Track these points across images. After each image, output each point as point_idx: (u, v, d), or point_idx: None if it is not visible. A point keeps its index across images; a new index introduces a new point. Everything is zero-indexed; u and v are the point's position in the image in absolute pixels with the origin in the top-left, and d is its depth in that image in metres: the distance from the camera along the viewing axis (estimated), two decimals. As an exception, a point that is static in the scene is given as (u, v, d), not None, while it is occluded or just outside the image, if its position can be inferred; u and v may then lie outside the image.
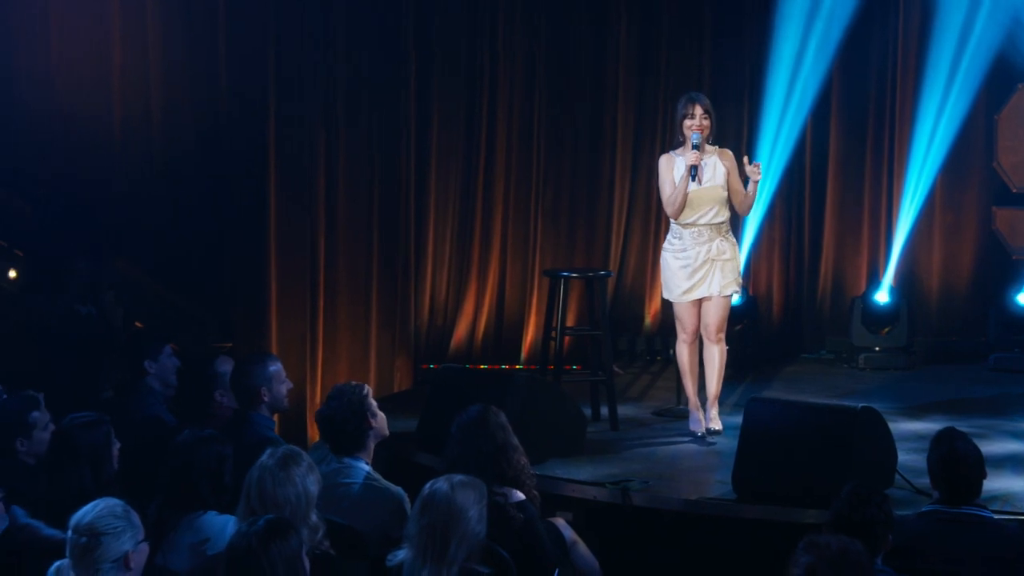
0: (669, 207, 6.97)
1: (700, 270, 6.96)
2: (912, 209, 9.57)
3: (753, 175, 6.85)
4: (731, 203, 7.04)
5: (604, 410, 7.50)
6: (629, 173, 9.70)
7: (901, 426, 7.12)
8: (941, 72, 9.38)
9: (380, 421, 5.40)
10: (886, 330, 9.38)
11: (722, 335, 7.12)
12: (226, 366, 6.18)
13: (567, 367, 8.29)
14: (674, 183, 6.92)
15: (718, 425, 7.10)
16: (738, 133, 9.74)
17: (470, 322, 9.37)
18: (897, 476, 6.00)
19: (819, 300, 10.03)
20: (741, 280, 7.20)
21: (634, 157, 9.69)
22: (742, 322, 9.52)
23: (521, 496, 5.02)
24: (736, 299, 9.23)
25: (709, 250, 6.94)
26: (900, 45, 9.72)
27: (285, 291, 8.12)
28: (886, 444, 6.05)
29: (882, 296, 9.43)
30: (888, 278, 9.55)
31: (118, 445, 5.11)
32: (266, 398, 5.88)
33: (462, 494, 4.25)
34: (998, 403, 8.08)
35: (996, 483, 5.99)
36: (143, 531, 4.06)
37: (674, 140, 7.02)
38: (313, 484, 4.43)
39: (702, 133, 6.85)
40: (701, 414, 7.15)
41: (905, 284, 9.74)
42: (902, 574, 4.35)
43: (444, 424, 5.23)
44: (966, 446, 4.85)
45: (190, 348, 7.65)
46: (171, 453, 4.85)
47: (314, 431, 7.96)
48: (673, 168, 6.96)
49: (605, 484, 6.18)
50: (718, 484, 6.16)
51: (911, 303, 9.60)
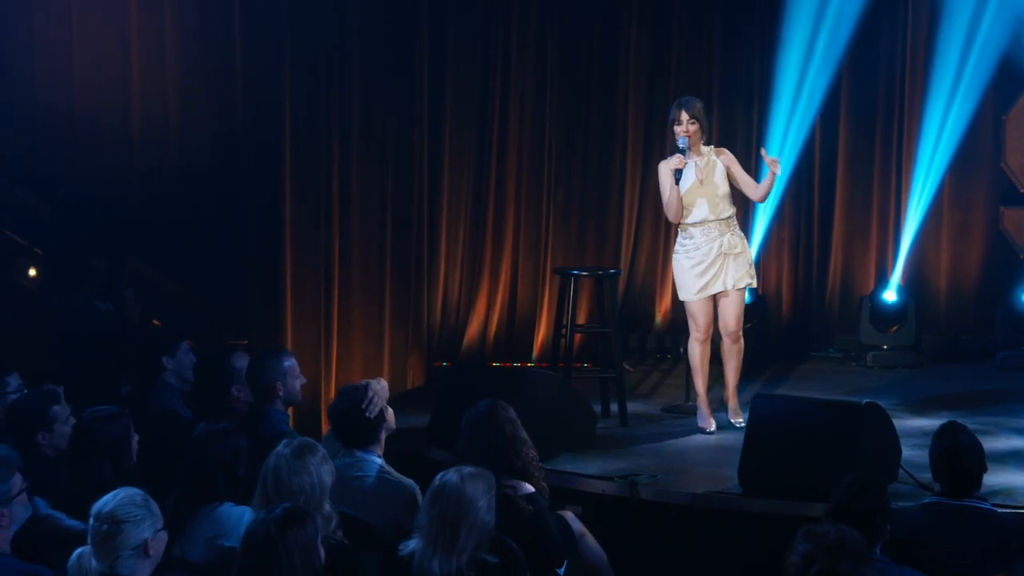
0: (668, 212, 7.17)
1: (713, 266, 7.10)
2: (920, 208, 9.61)
3: (774, 168, 7.05)
4: (734, 197, 7.23)
5: (614, 406, 7.59)
6: (640, 173, 9.78)
7: (907, 422, 7.19)
8: (949, 72, 9.40)
9: (388, 415, 5.52)
10: (894, 329, 9.42)
11: (740, 331, 7.27)
12: (242, 362, 6.29)
13: (578, 364, 8.39)
14: (672, 183, 7.10)
15: (740, 419, 7.19)
16: (748, 133, 9.81)
17: (482, 321, 9.45)
18: (901, 471, 6.08)
19: (828, 299, 10.07)
20: (754, 272, 7.31)
21: (645, 157, 9.76)
22: (751, 320, 9.57)
23: (530, 488, 5.11)
24: (747, 297, 9.39)
25: (721, 245, 7.10)
26: (909, 45, 9.75)
27: (300, 291, 8.21)
28: (890, 439, 6.12)
29: (890, 295, 9.47)
30: (896, 277, 9.59)
31: (137, 438, 5.22)
32: (281, 393, 6.00)
33: (472, 485, 4.34)
34: (1004, 401, 8.11)
35: (999, 478, 6.07)
36: (162, 520, 4.16)
37: (671, 145, 7.17)
38: (327, 474, 4.53)
39: (688, 137, 7.05)
40: (710, 411, 7.25)
41: (913, 283, 9.76)
42: (902, 564, 4.43)
43: (456, 420, 5.31)
44: (968, 440, 4.94)
45: (206, 345, 7.78)
46: (187, 447, 4.96)
47: (327, 428, 8.07)
48: (672, 166, 7.13)
49: (614, 478, 6.26)
50: (725, 478, 6.22)
51: (919, 302, 9.64)
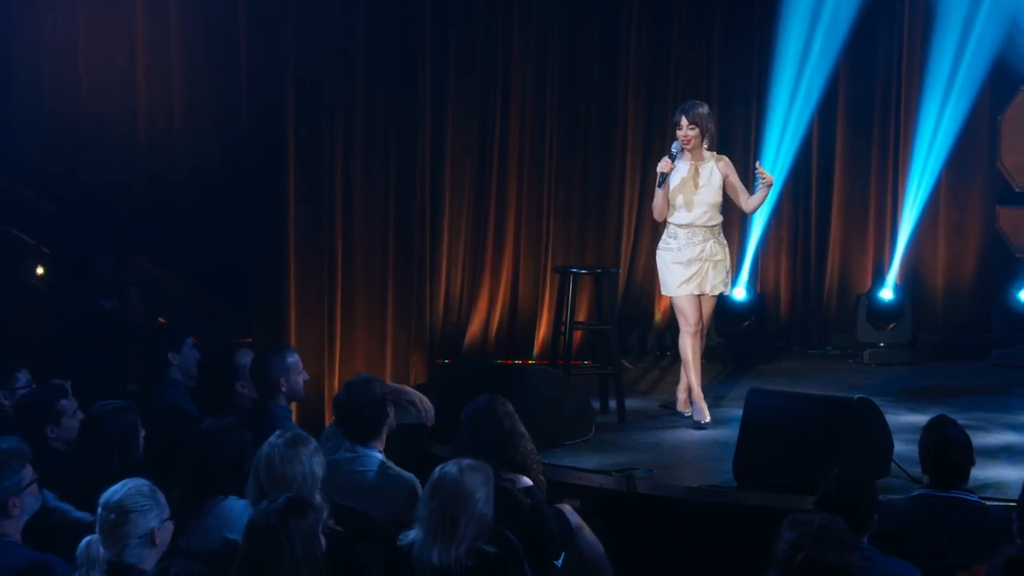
0: (654, 211, 7.43)
1: (693, 267, 7.31)
2: (917, 208, 9.68)
3: (765, 178, 7.30)
4: (725, 206, 7.45)
5: (613, 403, 7.70)
6: (639, 173, 9.87)
7: (901, 418, 7.29)
8: (945, 72, 9.47)
9: (391, 412, 5.63)
10: (891, 326, 9.51)
11: (706, 331, 7.70)
12: (246, 358, 6.40)
13: (578, 362, 8.52)
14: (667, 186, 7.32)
15: (689, 411, 7.53)
16: (747, 133, 9.91)
17: (484, 319, 9.53)
18: (894, 465, 6.19)
19: (825, 297, 10.16)
20: (729, 280, 7.55)
21: (644, 157, 9.85)
22: (749, 319, 9.73)
23: (528, 482, 5.21)
24: (742, 296, 9.53)
25: (703, 250, 7.32)
26: (905, 44, 9.83)
27: (304, 289, 8.25)
28: (883, 434, 6.22)
29: (887, 293, 9.56)
30: (893, 275, 9.67)
31: (143, 432, 5.34)
32: (284, 388, 6.11)
33: (470, 477, 4.44)
34: (998, 397, 8.23)
35: (990, 472, 6.19)
36: (168, 510, 4.27)
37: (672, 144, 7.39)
38: (319, 465, 4.63)
39: (686, 144, 7.27)
40: (704, 404, 7.41)
41: (910, 281, 9.85)
42: (891, 555, 4.52)
43: (456, 416, 5.41)
44: (957, 433, 5.02)
45: (211, 343, 7.86)
46: (193, 441, 5.07)
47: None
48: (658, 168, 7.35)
49: (611, 472, 6.38)
50: (720, 472, 6.34)
51: (916, 300, 9.73)
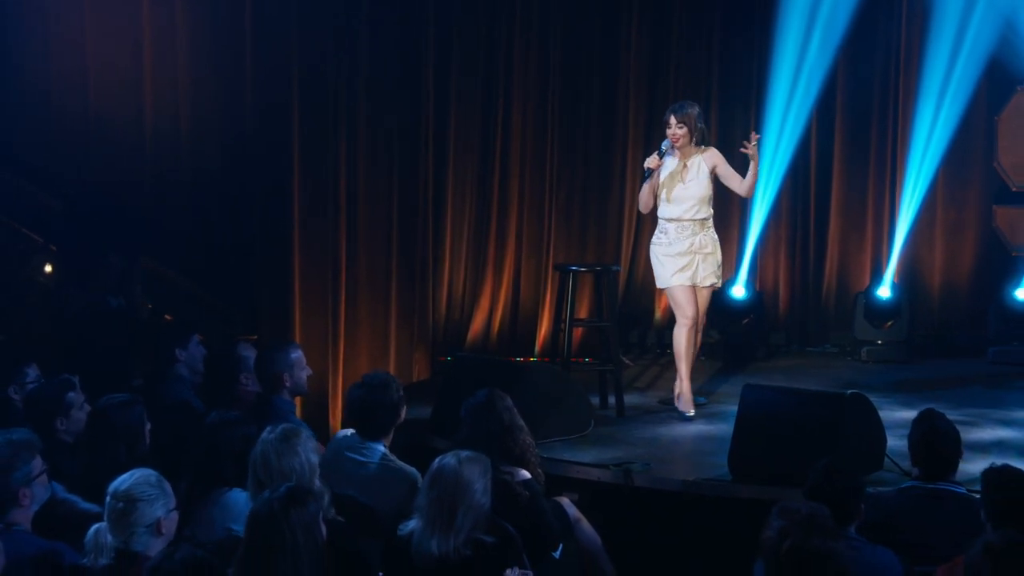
0: (639, 202, 7.70)
1: (683, 259, 7.47)
2: (914, 207, 9.76)
3: (749, 150, 7.44)
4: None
5: (612, 398, 7.80)
6: (640, 172, 9.88)
7: (896, 414, 7.36)
8: (943, 72, 9.55)
9: (403, 411, 5.76)
10: (888, 324, 9.60)
11: (703, 325, 7.75)
12: (248, 351, 6.53)
13: (579, 359, 8.63)
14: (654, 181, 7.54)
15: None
16: (746, 132, 9.90)
17: (486, 316, 9.62)
18: (887, 459, 6.29)
19: (824, 295, 10.25)
20: (720, 273, 7.70)
21: (645, 156, 9.81)
22: (748, 316, 9.82)
23: (527, 475, 5.33)
24: (742, 294, 9.63)
25: (692, 244, 7.49)
26: (903, 44, 9.90)
27: (308, 288, 8.31)
28: (875, 428, 6.32)
29: (884, 291, 9.64)
30: (890, 274, 9.75)
31: (149, 426, 5.45)
32: (288, 383, 6.25)
33: (468, 468, 4.55)
34: (992, 394, 8.33)
35: (981, 466, 6.18)
36: (174, 500, 4.40)
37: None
38: (313, 452, 4.76)
39: (675, 142, 7.48)
40: (691, 396, 7.57)
41: (907, 280, 9.94)
42: (878, 545, 4.63)
43: (457, 411, 5.53)
44: (945, 426, 5.13)
45: (217, 340, 7.95)
46: (199, 434, 5.20)
47: (336, 420, 8.29)
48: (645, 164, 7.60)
49: (608, 466, 6.49)
50: (715, 466, 6.44)
51: (913, 298, 9.82)
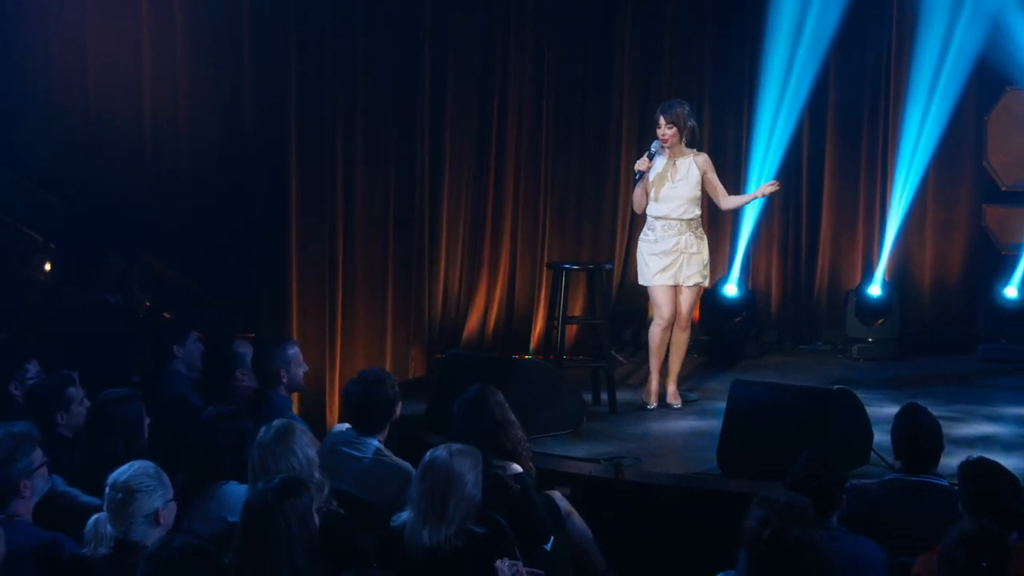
0: (632, 202, 7.84)
1: (668, 257, 7.58)
2: (904, 206, 9.83)
3: (765, 190, 7.78)
4: (702, 201, 7.74)
5: (605, 395, 7.90)
6: (633, 171, 10.05)
7: (884, 410, 7.39)
8: (933, 73, 9.61)
9: (397, 408, 5.85)
10: (879, 322, 9.69)
11: (689, 323, 7.83)
12: (245, 348, 6.62)
13: (574, 357, 8.73)
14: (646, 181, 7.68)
15: (678, 402, 7.80)
16: (738, 131, 10.08)
17: (481, 314, 9.69)
18: (873, 454, 6.39)
19: (816, 294, 10.33)
20: (707, 273, 7.79)
21: (639, 156, 9.97)
22: (741, 314, 9.92)
23: (519, 469, 5.43)
24: (734, 292, 9.74)
25: (678, 243, 7.61)
26: (894, 44, 9.97)
27: (305, 286, 8.38)
28: (861, 424, 6.41)
29: (875, 289, 9.72)
30: (881, 272, 9.83)
31: (148, 420, 5.54)
32: (284, 379, 6.35)
33: (459, 461, 4.66)
34: (981, 390, 8.45)
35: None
36: (172, 491, 4.50)
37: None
38: (309, 447, 4.85)
39: (664, 141, 7.61)
40: (655, 389, 7.75)
41: (898, 278, 10.01)
42: (860, 535, 4.73)
43: (451, 406, 5.64)
44: (928, 419, 5.23)
45: (215, 338, 8.02)
46: (197, 428, 5.29)
47: (333, 417, 8.38)
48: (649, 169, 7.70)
49: (599, 460, 6.60)
50: (704, 461, 6.55)
51: (903, 296, 9.90)
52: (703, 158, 7.70)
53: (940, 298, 10.22)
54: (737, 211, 9.37)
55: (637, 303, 10.18)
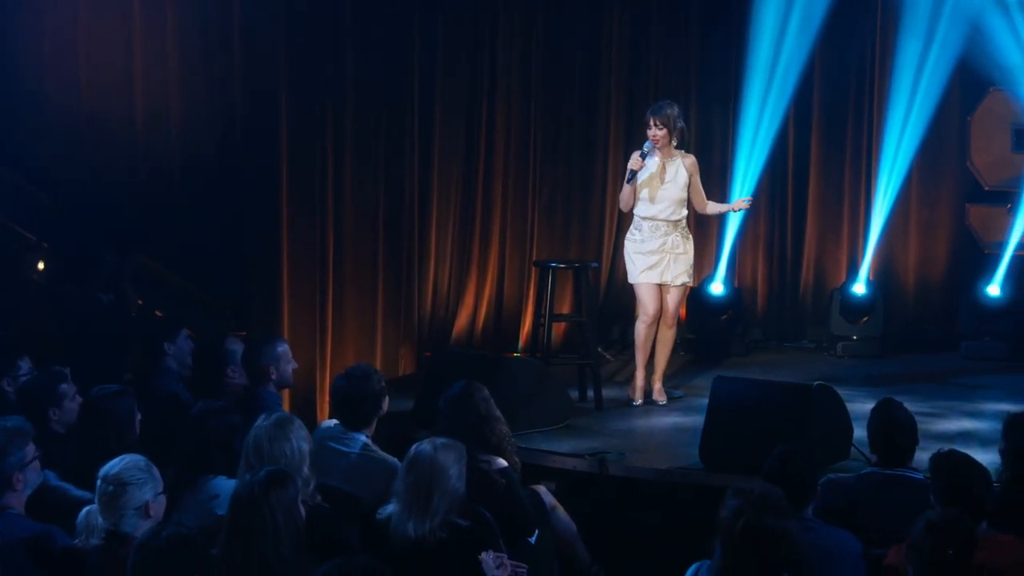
0: (620, 200, 7.91)
1: (654, 256, 7.69)
2: (889, 205, 9.93)
3: (739, 206, 7.96)
4: (689, 202, 7.84)
5: (591, 392, 8.00)
6: (620, 171, 10.05)
7: (866, 406, 7.27)
8: (917, 73, 9.72)
9: (384, 403, 5.95)
10: (863, 320, 9.79)
11: (675, 321, 7.94)
12: (235, 345, 6.70)
13: (563, 355, 8.83)
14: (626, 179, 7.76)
15: (663, 399, 7.90)
16: (724, 131, 10.18)
17: (471, 312, 9.76)
18: (853, 449, 6.50)
19: (801, 292, 10.43)
20: (692, 272, 7.92)
21: (626, 157, 10.02)
22: (727, 312, 10.02)
23: (504, 463, 5.52)
24: (720, 291, 9.84)
25: (664, 243, 7.72)
26: (878, 45, 10.06)
27: (296, 285, 8.43)
28: (842, 419, 6.52)
29: (860, 288, 9.82)
30: (865, 271, 9.93)
31: (139, 416, 5.63)
32: (274, 376, 6.43)
33: (443, 454, 4.75)
34: (961, 387, 8.55)
35: (943, 455, 6.47)
36: (162, 484, 4.59)
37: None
38: (304, 441, 4.94)
39: (655, 142, 7.68)
40: (641, 384, 7.85)
41: (882, 277, 10.12)
42: (834, 527, 4.83)
43: (438, 402, 5.71)
44: (903, 414, 5.34)
45: (207, 336, 8.09)
46: (187, 423, 5.39)
47: (323, 414, 8.45)
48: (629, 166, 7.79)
49: (584, 456, 6.70)
50: (687, 456, 6.66)
51: (888, 294, 10.01)
52: (691, 160, 7.81)
53: (924, 296, 10.32)
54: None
55: (624, 301, 10.25)
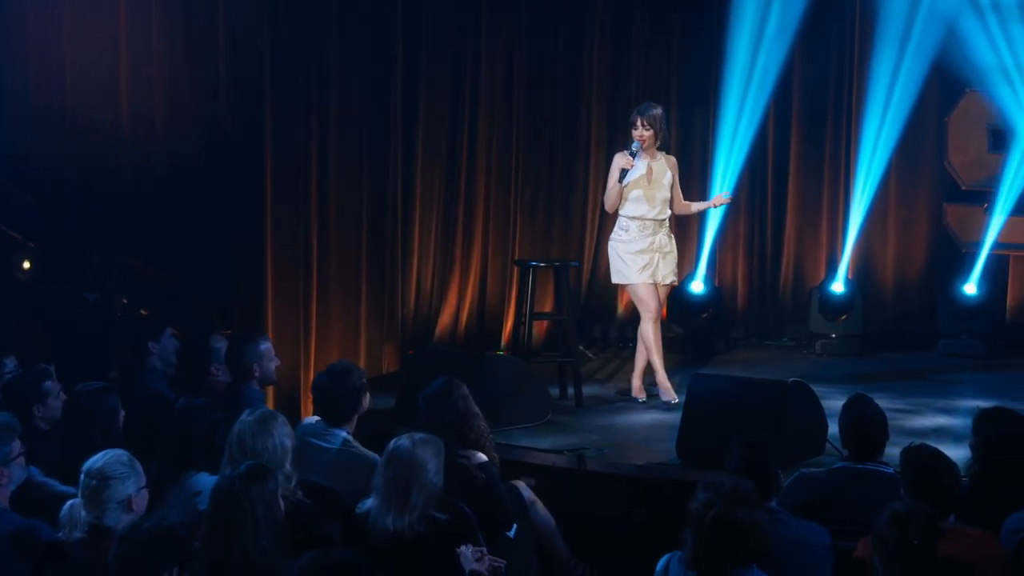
0: (606, 201, 7.89)
1: (645, 256, 7.75)
2: (867, 204, 10.02)
3: (720, 202, 8.02)
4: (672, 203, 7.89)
5: (572, 389, 8.08)
6: (602, 172, 10.13)
7: (843, 403, 7.66)
8: (894, 73, 9.80)
9: (365, 400, 6.02)
10: (842, 318, 9.88)
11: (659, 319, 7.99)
12: (220, 343, 6.78)
13: (545, 353, 8.91)
14: (616, 178, 7.76)
15: (643, 396, 8.00)
16: (704, 131, 10.26)
17: (453, 311, 9.81)
18: (828, 444, 6.59)
19: (780, 290, 10.53)
20: (677, 270, 7.99)
21: (607, 158, 10.05)
22: (707, 311, 10.11)
23: (484, 458, 5.59)
24: (700, 289, 9.93)
25: (652, 243, 7.79)
26: (857, 45, 10.14)
27: (281, 283, 8.47)
28: (816, 415, 6.62)
29: (838, 286, 9.92)
30: (844, 269, 10.02)
31: (123, 414, 5.69)
32: (257, 373, 6.51)
33: (422, 449, 4.83)
34: (937, 384, 8.64)
35: (917, 450, 6.56)
36: (145, 479, 4.66)
37: (629, 142, 7.84)
38: (287, 437, 5.03)
39: (642, 142, 7.73)
40: (666, 383, 7.87)
41: (860, 275, 10.21)
42: (803, 519, 4.92)
43: (418, 400, 5.80)
44: (873, 410, 5.41)
45: (192, 334, 8.14)
46: (169, 420, 5.46)
47: (308, 412, 8.50)
48: (619, 165, 7.77)
49: (563, 451, 6.78)
50: (665, 452, 6.74)
51: (866, 293, 10.09)
52: (672, 161, 7.92)
53: (902, 295, 10.40)
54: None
55: (606, 300, 10.38)
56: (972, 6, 9.50)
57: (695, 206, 8.15)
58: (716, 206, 8.29)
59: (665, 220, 7.86)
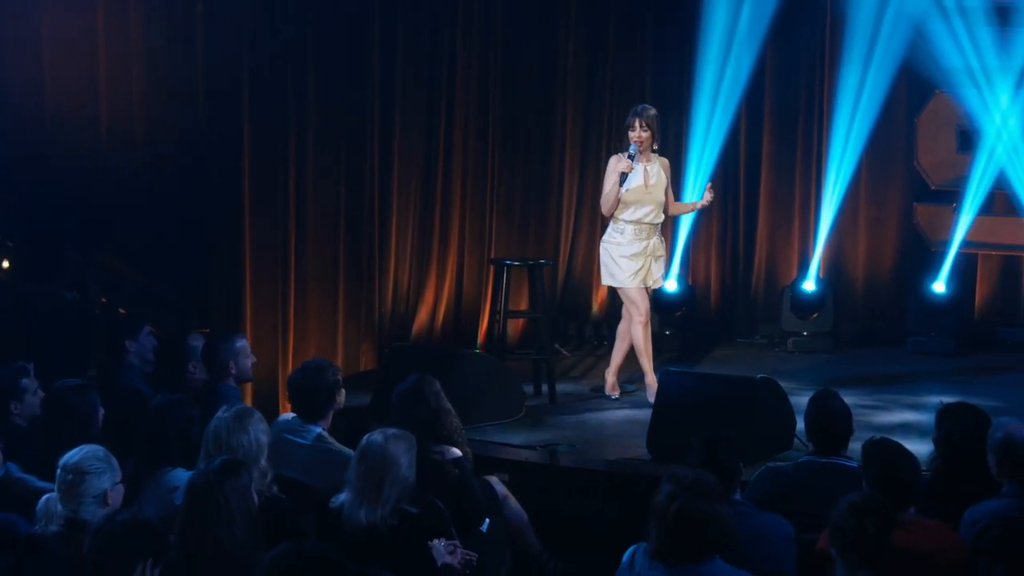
0: (603, 204, 7.86)
1: (639, 260, 7.81)
2: (837, 203, 10.12)
3: (708, 198, 7.93)
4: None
5: (546, 387, 8.17)
6: (577, 173, 10.34)
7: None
8: (864, 73, 9.90)
9: (340, 396, 6.11)
10: (813, 316, 9.98)
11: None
12: (197, 341, 6.85)
13: (517, 351, 9.01)
14: (616, 182, 7.79)
15: (616, 393, 8.12)
16: (678, 132, 10.31)
17: (430, 309, 9.86)
18: (797, 440, 6.70)
19: (753, 289, 10.61)
20: (665, 273, 8.09)
21: (582, 158, 10.31)
22: (681, 309, 10.21)
23: (458, 453, 5.67)
24: (674, 288, 10.03)
25: (647, 247, 7.83)
26: (828, 44, 10.21)
27: (259, 282, 8.49)
28: (784, 411, 6.73)
29: (810, 285, 10.02)
30: (815, 268, 10.12)
31: (102, 411, 5.75)
32: (233, 371, 6.59)
33: (394, 444, 4.91)
34: (906, 381, 8.75)
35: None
36: (120, 474, 4.74)
37: (625, 146, 7.89)
38: (263, 434, 5.11)
39: (640, 144, 7.74)
40: (654, 384, 7.88)
41: (832, 274, 10.31)
42: (766, 511, 5.02)
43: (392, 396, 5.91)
44: (838, 404, 5.51)
45: (170, 332, 8.19)
46: (146, 416, 5.53)
47: (285, 409, 8.56)
48: (619, 169, 7.80)
49: (536, 447, 6.88)
50: (636, 447, 6.84)
51: (837, 291, 10.20)
52: (665, 162, 7.96)
53: (872, 293, 10.49)
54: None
55: (581, 298, 10.47)
56: (939, 9, 9.59)
57: (687, 207, 8.22)
58: (708, 203, 8.11)
59: (658, 225, 7.90)
